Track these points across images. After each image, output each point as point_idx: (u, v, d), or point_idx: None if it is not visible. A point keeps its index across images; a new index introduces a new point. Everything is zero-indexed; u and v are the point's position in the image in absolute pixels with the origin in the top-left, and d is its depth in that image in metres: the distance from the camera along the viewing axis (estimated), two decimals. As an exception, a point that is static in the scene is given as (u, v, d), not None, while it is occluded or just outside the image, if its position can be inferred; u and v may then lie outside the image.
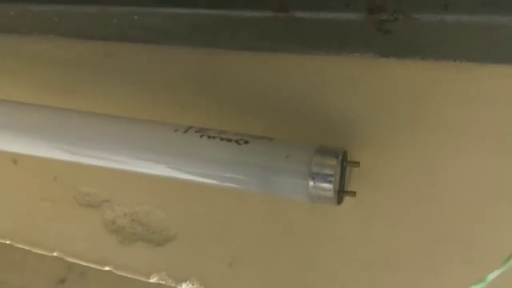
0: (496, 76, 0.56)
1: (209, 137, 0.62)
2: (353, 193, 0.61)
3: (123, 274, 0.76)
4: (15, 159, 0.84)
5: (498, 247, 0.56)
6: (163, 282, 0.74)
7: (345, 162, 0.60)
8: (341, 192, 0.60)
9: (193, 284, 0.72)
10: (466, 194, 0.58)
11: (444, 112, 0.58)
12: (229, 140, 0.61)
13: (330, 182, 0.57)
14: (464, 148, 0.57)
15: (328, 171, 0.57)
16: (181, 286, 0.73)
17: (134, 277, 0.75)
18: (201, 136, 0.62)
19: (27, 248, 0.84)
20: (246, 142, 0.60)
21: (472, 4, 0.47)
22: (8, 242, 0.86)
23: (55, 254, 0.82)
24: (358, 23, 0.52)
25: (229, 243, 0.70)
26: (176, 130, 0.63)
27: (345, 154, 0.60)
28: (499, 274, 0.44)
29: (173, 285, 0.73)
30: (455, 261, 0.59)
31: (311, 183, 0.57)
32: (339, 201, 0.60)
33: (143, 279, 0.75)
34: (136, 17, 0.63)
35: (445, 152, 0.58)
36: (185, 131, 0.63)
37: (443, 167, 0.59)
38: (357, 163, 0.61)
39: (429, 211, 0.59)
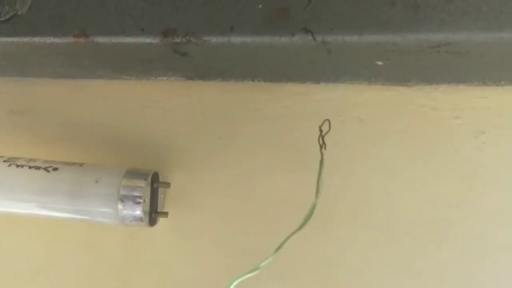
0: (294, 94, 0.60)
1: (17, 165, 0.61)
2: (165, 214, 0.62)
3: None
4: None
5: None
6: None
7: (156, 183, 0.61)
8: (154, 213, 0.61)
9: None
10: (272, 209, 0.60)
11: (247, 131, 0.61)
12: (38, 168, 0.60)
13: (139, 203, 0.57)
14: (268, 164, 0.60)
15: (136, 193, 0.58)
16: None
17: None
18: (9, 165, 0.61)
19: None
20: (55, 169, 0.60)
21: (256, 26, 0.50)
22: None
23: None
24: (155, 46, 0.53)
25: (49, 276, 0.68)
26: (-18, 161, 0.61)
27: (155, 175, 0.61)
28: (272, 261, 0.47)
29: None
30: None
31: (120, 206, 0.57)
32: (152, 222, 0.60)
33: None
34: None
35: (251, 170, 0.61)
36: (-8, 161, 0.61)
37: (250, 185, 0.61)
38: (167, 184, 0.62)
39: (240, 229, 0.61)
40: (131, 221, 0.58)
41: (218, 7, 0.51)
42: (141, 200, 0.57)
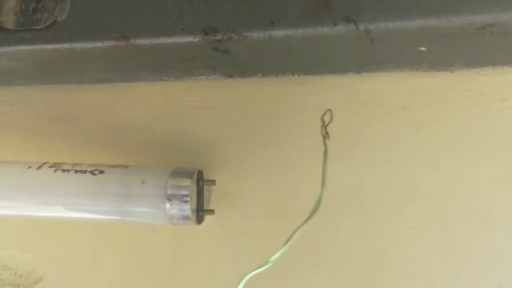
0: (335, 86, 0.60)
1: (63, 170, 0.61)
2: (211, 211, 0.62)
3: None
4: None
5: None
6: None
7: (202, 182, 0.61)
8: (201, 212, 0.61)
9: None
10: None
11: (289, 126, 0.61)
12: (84, 172, 0.61)
13: (186, 202, 0.58)
14: (312, 158, 0.59)
15: (183, 192, 0.58)
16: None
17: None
18: (55, 170, 0.61)
19: None
20: (101, 172, 0.60)
21: (296, 19, 0.50)
22: None
23: None
24: (196, 45, 0.54)
25: (98, 279, 0.68)
26: (29, 167, 0.62)
27: (200, 173, 0.61)
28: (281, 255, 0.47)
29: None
30: (317, 269, 0.61)
31: (168, 205, 0.58)
32: (199, 220, 0.61)
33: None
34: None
35: (295, 165, 0.61)
36: (39, 167, 0.62)
37: (295, 180, 0.61)
38: (213, 181, 0.62)
39: (286, 224, 0.61)
40: (179, 219, 0.58)
41: (257, 2, 0.51)
42: (188, 199, 0.57)
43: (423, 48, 0.51)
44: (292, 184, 0.62)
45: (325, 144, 0.49)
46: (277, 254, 0.47)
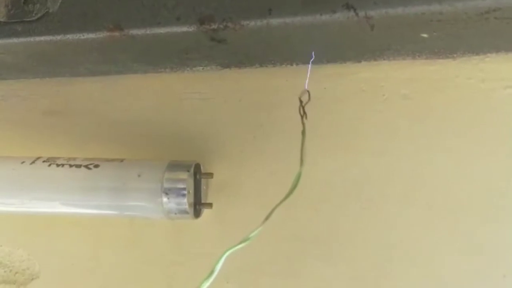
0: (334, 75, 0.59)
1: (58, 165, 0.60)
2: (209, 205, 0.61)
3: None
4: None
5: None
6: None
7: (199, 175, 0.60)
8: (198, 205, 0.60)
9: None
10: (318, 193, 0.59)
11: (289, 117, 0.59)
12: (79, 166, 0.59)
13: (183, 196, 0.57)
14: (311, 149, 0.58)
15: (181, 185, 0.57)
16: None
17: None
18: (49, 165, 0.60)
19: None
20: (96, 166, 0.59)
21: (294, 6, 0.48)
22: None
23: None
24: (191, 35, 0.52)
25: (95, 274, 0.67)
26: (23, 162, 0.61)
27: (197, 166, 0.60)
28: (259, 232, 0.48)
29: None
30: (320, 259, 0.60)
31: (165, 199, 0.57)
32: (197, 214, 0.60)
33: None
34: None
35: (295, 156, 0.59)
36: (32, 162, 0.61)
37: (295, 171, 0.59)
38: (210, 174, 0.61)
39: (286, 216, 0.60)
40: (176, 213, 0.57)
41: (254, -11, 0.49)
42: (185, 192, 0.56)
43: (425, 35, 0.50)
44: (292, 176, 0.61)
45: (303, 123, 0.49)
46: (256, 231, 0.48)
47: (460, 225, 0.56)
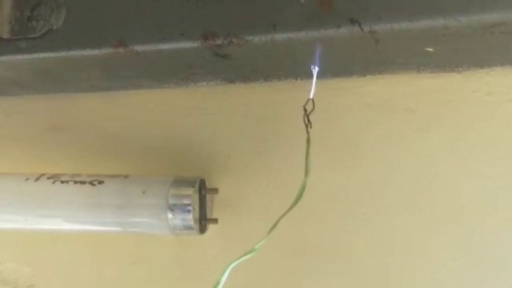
0: (339, 89, 0.59)
1: (62, 182, 0.60)
2: (215, 221, 0.60)
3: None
4: None
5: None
6: None
7: (204, 190, 0.60)
8: (203, 221, 0.59)
9: None
10: (325, 207, 0.59)
11: (293, 131, 0.59)
12: (83, 183, 0.59)
13: (188, 212, 0.56)
14: (317, 163, 0.58)
15: (186, 201, 0.57)
16: None
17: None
18: (53, 182, 0.60)
19: None
20: (101, 183, 0.59)
21: (299, 21, 0.48)
22: None
23: None
24: (196, 50, 0.52)
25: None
26: (27, 179, 0.61)
27: (202, 182, 0.60)
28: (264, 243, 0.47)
29: None
30: (319, 272, 0.60)
31: (170, 215, 0.56)
32: (202, 230, 0.59)
33: None
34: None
35: (300, 170, 0.59)
36: (37, 179, 0.61)
37: (292, 186, 0.59)
38: (215, 190, 0.61)
39: (292, 230, 0.60)
40: (181, 230, 0.57)
41: (258, 5, 0.49)
42: (190, 208, 0.56)
43: (430, 49, 0.50)
44: (296, 189, 0.61)
45: (307, 133, 0.49)
46: (262, 242, 0.48)
47: (463, 234, 0.56)
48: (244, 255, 0.48)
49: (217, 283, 0.48)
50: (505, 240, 0.55)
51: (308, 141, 0.49)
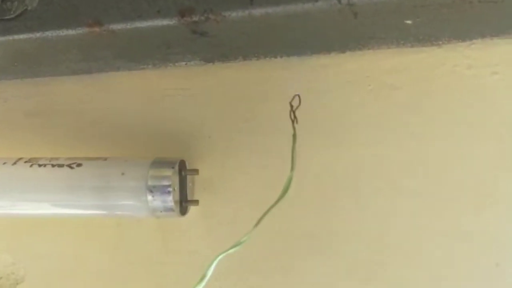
0: (318, 67, 0.58)
1: (39, 165, 0.59)
2: (196, 202, 0.60)
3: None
4: None
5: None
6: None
7: (184, 171, 0.59)
8: (184, 202, 0.59)
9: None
10: (309, 188, 0.58)
11: (275, 110, 0.59)
12: (61, 166, 0.58)
13: (168, 193, 0.55)
14: (300, 143, 0.58)
15: (165, 182, 0.56)
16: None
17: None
18: (31, 165, 0.59)
19: None
20: (79, 165, 0.58)
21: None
22: None
23: None
24: (172, 28, 0.51)
25: (81, 276, 0.66)
26: (4, 163, 0.60)
27: (182, 163, 0.59)
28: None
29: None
30: (313, 253, 0.59)
31: (149, 197, 0.56)
32: (183, 212, 0.59)
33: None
34: None
35: (283, 150, 0.58)
36: (14, 163, 0.60)
37: (283, 166, 0.58)
38: (196, 171, 0.60)
39: (275, 212, 0.58)
40: (161, 211, 0.56)
41: (235, -20, 0.48)
42: (170, 189, 0.55)
43: (409, 21, 0.49)
44: (279, 171, 0.59)
45: (293, 128, 0.50)
46: (248, 236, 0.48)
47: (453, 214, 0.55)
48: (230, 248, 0.48)
49: (203, 276, 0.47)
50: (491, 217, 0.55)
51: (294, 136, 0.49)
